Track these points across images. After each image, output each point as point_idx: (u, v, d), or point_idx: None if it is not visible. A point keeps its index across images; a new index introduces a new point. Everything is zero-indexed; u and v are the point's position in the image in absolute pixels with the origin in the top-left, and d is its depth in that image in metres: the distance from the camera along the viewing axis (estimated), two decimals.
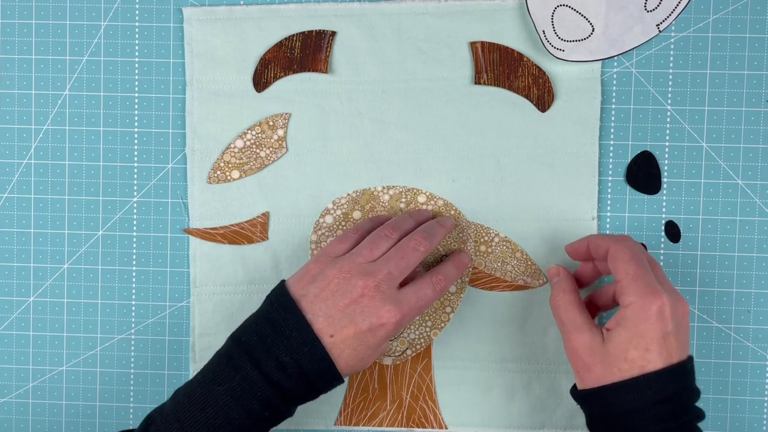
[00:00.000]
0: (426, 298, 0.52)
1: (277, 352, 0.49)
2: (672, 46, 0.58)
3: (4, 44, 0.61)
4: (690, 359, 0.49)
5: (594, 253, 0.54)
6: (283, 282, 0.52)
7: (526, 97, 0.59)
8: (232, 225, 0.60)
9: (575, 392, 0.52)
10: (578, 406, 0.52)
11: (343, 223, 0.60)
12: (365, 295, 0.50)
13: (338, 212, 0.60)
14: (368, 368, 0.60)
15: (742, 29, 0.58)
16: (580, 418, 0.55)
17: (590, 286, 0.58)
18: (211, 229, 0.60)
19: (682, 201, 0.59)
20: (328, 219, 0.60)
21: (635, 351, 0.47)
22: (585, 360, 0.50)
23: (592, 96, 0.59)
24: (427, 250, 0.53)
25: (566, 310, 0.52)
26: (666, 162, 0.59)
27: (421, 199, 0.59)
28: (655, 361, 0.47)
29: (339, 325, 0.49)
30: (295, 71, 0.59)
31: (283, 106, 0.59)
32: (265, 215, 0.60)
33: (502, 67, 0.58)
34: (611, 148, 0.59)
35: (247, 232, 0.60)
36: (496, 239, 0.59)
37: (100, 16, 0.60)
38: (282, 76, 0.59)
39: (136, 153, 0.61)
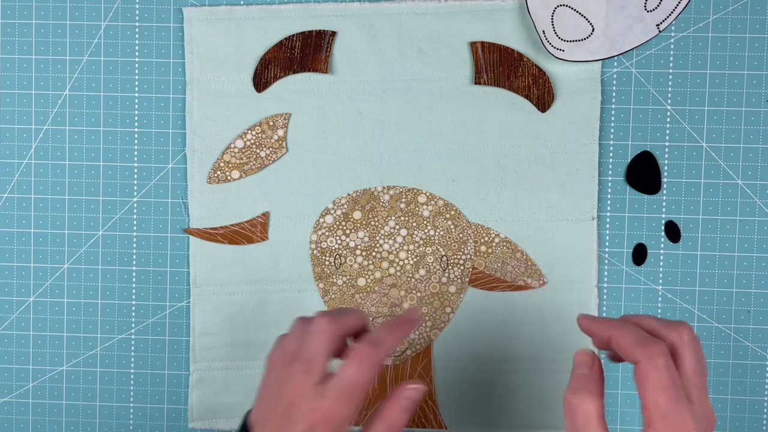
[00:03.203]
0: (352, 380, 0.43)
1: None
2: (672, 46, 0.58)
3: (4, 44, 0.61)
4: None
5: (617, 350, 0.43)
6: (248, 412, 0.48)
7: (526, 97, 0.59)
8: (232, 225, 0.60)
9: None
10: None
11: (343, 223, 0.60)
12: (292, 403, 0.44)
13: (338, 212, 0.60)
14: None
15: (742, 29, 0.58)
16: None
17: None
18: (211, 229, 0.60)
19: (682, 201, 0.59)
20: (328, 219, 0.60)
21: None
22: None
23: (592, 96, 0.59)
24: (330, 329, 0.45)
25: (585, 423, 0.41)
26: (666, 162, 0.59)
27: (421, 199, 0.59)
28: None
29: None
30: (295, 71, 0.59)
31: (283, 106, 0.59)
32: (265, 215, 0.60)
33: (502, 67, 0.58)
34: (611, 148, 0.59)
35: (247, 232, 0.60)
36: (497, 239, 0.59)
37: (100, 16, 0.60)
38: (282, 76, 0.59)
39: (136, 153, 0.61)
